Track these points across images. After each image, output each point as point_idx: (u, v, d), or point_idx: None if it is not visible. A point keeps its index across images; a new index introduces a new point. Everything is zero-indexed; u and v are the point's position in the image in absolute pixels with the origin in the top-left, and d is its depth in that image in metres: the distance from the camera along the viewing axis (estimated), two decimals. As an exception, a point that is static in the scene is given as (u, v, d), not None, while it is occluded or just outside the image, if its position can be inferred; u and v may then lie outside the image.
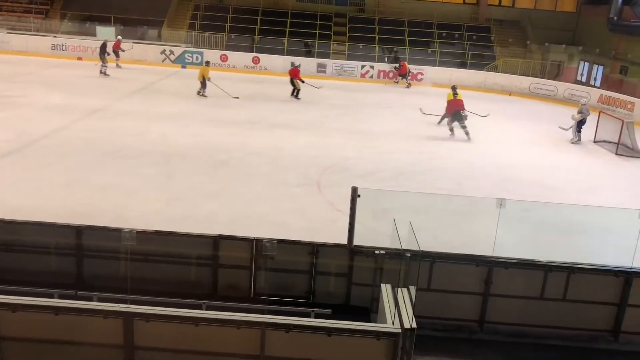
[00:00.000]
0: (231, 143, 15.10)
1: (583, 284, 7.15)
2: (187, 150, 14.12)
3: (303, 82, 22.63)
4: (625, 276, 7.09)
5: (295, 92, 22.54)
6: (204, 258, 7.18)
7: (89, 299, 6.10)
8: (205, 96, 21.09)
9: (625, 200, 12.87)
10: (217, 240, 7.11)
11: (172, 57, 28.36)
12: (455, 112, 17.63)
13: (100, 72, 23.95)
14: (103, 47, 24.45)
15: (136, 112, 17.91)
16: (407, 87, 27.35)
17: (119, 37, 26.95)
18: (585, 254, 9.13)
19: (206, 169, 12.91)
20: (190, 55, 28.42)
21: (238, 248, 7.16)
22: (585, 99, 19.79)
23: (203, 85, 21.13)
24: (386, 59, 30.07)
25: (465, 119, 17.53)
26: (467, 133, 17.41)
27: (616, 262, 7.46)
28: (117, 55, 25.89)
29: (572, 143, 18.05)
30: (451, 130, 17.84)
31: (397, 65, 28.31)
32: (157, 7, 31.14)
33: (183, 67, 27.98)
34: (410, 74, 27.71)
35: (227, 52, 28.80)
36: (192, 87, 21.71)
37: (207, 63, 22.34)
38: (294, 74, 22.72)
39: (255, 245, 7.02)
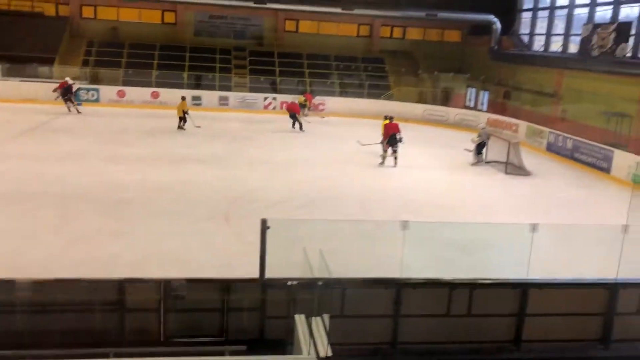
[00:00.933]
0: (133, 180, 14.61)
1: (485, 299, 7.52)
2: (86, 190, 13.48)
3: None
4: (522, 288, 7.55)
5: (298, 125, 23.55)
6: (109, 303, 6.83)
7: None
8: (184, 129, 22.29)
9: (517, 216, 13.80)
10: (122, 284, 6.80)
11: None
12: (391, 135, 18.11)
13: (71, 110, 24.30)
14: (68, 88, 24.34)
15: (29, 153, 16.89)
16: (305, 115, 27.81)
17: (67, 78, 25.65)
18: (485, 269, 9.67)
19: (107, 208, 12.37)
20: (85, 92, 27.33)
21: (145, 290, 6.89)
22: (483, 124, 21.08)
23: (183, 119, 22.59)
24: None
25: (400, 141, 18.10)
26: (396, 158, 18.05)
27: (513, 275, 7.95)
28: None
29: (472, 165, 19.10)
30: (384, 158, 18.17)
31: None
32: (48, 44, 29.78)
33: (78, 104, 26.80)
34: (312, 106, 28.08)
35: (125, 88, 28.00)
36: (89, 124, 20.87)
37: (183, 98, 23.37)
38: (293, 108, 23.82)
39: (164, 286, 6.79)
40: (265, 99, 29.05)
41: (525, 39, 29.49)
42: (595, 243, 11.29)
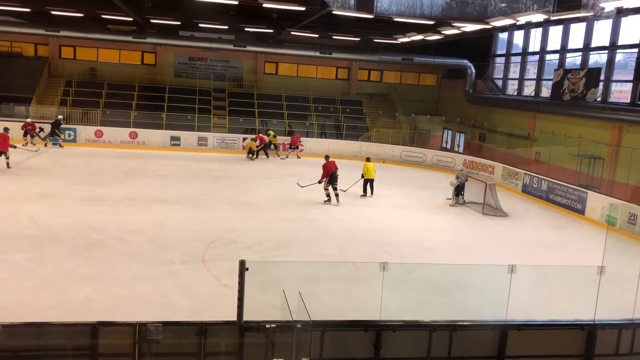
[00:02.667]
0: (107, 222, 14.38)
1: (465, 340, 7.48)
2: (58, 232, 13.22)
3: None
4: (501, 329, 7.54)
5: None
6: (81, 349, 6.62)
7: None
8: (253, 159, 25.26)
9: (495, 256, 13.88)
10: (95, 328, 6.61)
11: (42, 134, 26.89)
12: (331, 173, 18.34)
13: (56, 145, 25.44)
14: (57, 124, 25.45)
15: (1, 193, 16.59)
16: (284, 158, 28.07)
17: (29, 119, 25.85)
18: (464, 311, 9.65)
19: (80, 251, 12.12)
20: (62, 131, 27.14)
21: (119, 334, 6.70)
22: (461, 166, 21.34)
23: (253, 152, 26.74)
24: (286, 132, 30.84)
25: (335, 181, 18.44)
26: (337, 195, 18.30)
27: (492, 317, 7.93)
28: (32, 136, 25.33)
29: (451, 206, 19.26)
30: (328, 195, 18.41)
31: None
32: (25, 83, 29.72)
33: (54, 144, 26.59)
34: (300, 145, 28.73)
35: (102, 128, 27.90)
36: (65, 164, 20.63)
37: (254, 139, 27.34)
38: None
39: (138, 329, 6.62)
40: (244, 139, 29.16)
41: (499, 83, 30.31)
42: (572, 284, 11.40)
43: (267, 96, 33.53)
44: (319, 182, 18.70)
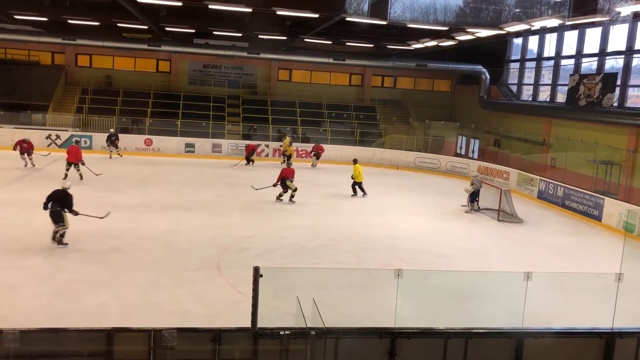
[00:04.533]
0: (123, 228, 14.49)
1: (480, 348, 7.40)
2: (75, 239, 13.32)
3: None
4: (517, 337, 7.46)
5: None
6: (97, 354, 6.66)
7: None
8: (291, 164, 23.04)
9: (510, 263, 13.76)
10: (111, 334, 6.65)
11: (59, 142, 27.22)
12: (282, 179, 18.94)
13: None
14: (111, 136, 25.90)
15: (19, 201, 16.78)
16: (313, 166, 27.80)
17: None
18: (480, 318, 9.56)
19: (96, 257, 12.22)
20: (78, 139, 27.38)
21: (134, 341, 6.73)
22: (475, 172, 21.22)
23: (290, 157, 26.15)
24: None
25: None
26: (292, 197, 19.02)
27: (508, 324, 7.85)
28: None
29: (466, 212, 19.12)
30: (281, 196, 19.09)
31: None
32: (42, 91, 30.13)
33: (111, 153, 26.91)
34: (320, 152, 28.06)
35: (118, 135, 28.11)
36: (81, 172, 20.83)
37: (291, 143, 27.18)
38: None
39: (153, 336, 6.64)
40: (258, 146, 29.25)
41: (514, 88, 30.12)
42: (589, 291, 11.25)
43: (280, 103, 33.65)
44: (273, 185, 19.18)
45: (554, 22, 18.56)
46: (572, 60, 24.97)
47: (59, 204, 12.72)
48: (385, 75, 35.93)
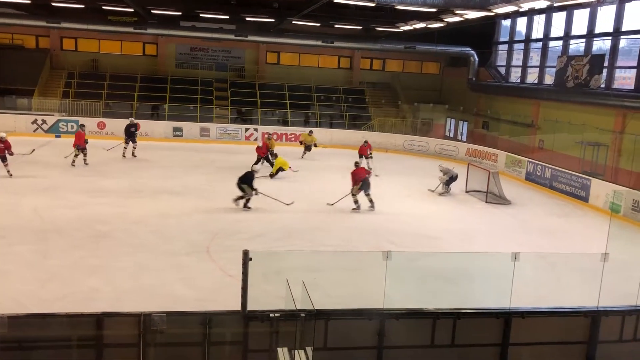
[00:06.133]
0: (112, 213, 14.43)
1: (469, 328, 7.50)
2: (63, 224, 13.27)
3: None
4: (505, 317, 7.55)
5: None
6: (87, 339, 6.67)
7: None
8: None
9: (498, 244, 13.88)
10: (101, 319, 6.65)
11: (45, 127, 26.95)
12: (362, 180, 16.67)
13: (124, 155, 22.90)
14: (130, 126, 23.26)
15: (5, 186, 16.64)
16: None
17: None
18: (468, 299, 9.66)
19: (85, 242, 12.17)
20: (64, 124, 27.18)
21: (124, 325, 6.75)
22: (441, 164, 20.61)
23: (308, 149, 25.12)
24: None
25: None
26: (371, 201, 16.60)
27: (496, 304, 7.95)
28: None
29: (440, 195, 19.10)
30: (356, 202, 16.57)
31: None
32: (27, 76, 29.70)
33: (57, 136, 26.65)
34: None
35: (105, 119, 27.89)
36: (68, 157, 20.67)
37: (311, 132, 25.85)
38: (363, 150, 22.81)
39: (143, 320, 6.66)
40: (247, 130, 29.14)
41: (502, 70, 30.14)
42: (576, 271, 11.40)
43: (269, 86, 33.45)
44: (351, 193, 16.67)
45: (542, 3, 18.55)
46: (560, 42, 25.00)
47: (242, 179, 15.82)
48: (374, 58, 35.78)
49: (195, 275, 10.69)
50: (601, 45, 22.92)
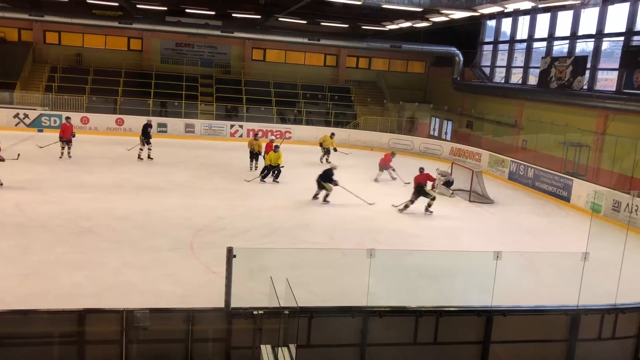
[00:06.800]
0: (95, 209, 14.31)
1: (451, 326, 7.57)
2: (45, 220, 13.14)
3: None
4: (487, 315, 7.64)
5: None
6: (68, 335, 6.63)
7: None
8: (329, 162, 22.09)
9: (481, 243, 14.00)
10: (83, 315, 6.61)
11: (27, 121, 26.61)
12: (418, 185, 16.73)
13: (139, 157, 21.78)
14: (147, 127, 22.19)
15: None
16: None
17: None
18: (451, 297, 9.75)
19: (68, 238, 12.06)
20: (47, 118, 26.85)
21: (106, 321, 6.71)
22: (438, 167, 20.61)
23: (327, 152, 23.74)
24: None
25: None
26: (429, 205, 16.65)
27: (478, 302, 8.03)
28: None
29: (450, 197, 19.00)
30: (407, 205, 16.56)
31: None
32: (9, 69, 29.29)
33: (40, 130, 26.33)
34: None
35: (88, 114, 27.61)
36: (50, 151, 20.44)
37: (332, 135, 24.52)
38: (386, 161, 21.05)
39: (126, 316, 6.63)
40: (232, 126, 29.04)
41: (487, 70, 30.37)
42: (557, 270, 11.55)
43: (254, 83, 33.34)
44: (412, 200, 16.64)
45: (526, 4, 18.72)
46: (544, 43, 25.26)
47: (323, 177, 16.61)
48: (360, 56, 35.85)
49: (178, 272, 10.64)
50: (584, 47, 23.19)
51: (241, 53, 34.43)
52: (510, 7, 19.89)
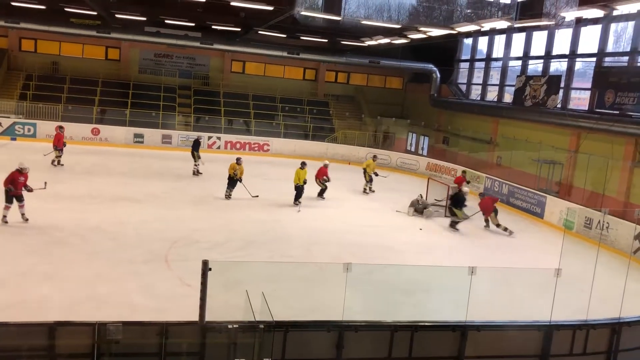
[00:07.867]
0: (68, 219, 14.08)
1: (426, 341, 7.60)
2: (16, 230, 12.88)
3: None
4: (461, 330, 7.68)
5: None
6: (38, 349, 6.48)
7: None
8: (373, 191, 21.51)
9: (456, 258, 14.12)
10: (53, 328, 6.47)
11: (0, 129, 26.14)
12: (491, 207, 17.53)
13: (194, 172, 22.06)
14: (196, 143, 22.47)
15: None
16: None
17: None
18: (426, 312, 9.79)
19: (39, 249, 11.83)
20: (21, 126, 26.44)
21: (77, 335, 6.58)
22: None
23: (371, 180, 21.59)
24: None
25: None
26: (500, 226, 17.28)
27: (453, 317, 8.08)
28: None
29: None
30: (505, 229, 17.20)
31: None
32: (-18, 76, 28.84)
33: (13, 139, 25.91)
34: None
35: (64, 123, 27.14)
36: (23, 161, 20.05)
37: (375, 157, 22.82)
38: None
39: (98, 329, 6.51)
40: (210, 138, 28.91)
41: (463, 87, 30.82)
42: (530, 286, 11.68)
43: (233, 95, 33.32)
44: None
45: (502, 24, 19.10)
46: (520, 62, 25.75)
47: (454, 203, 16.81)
48: (339, 71, 36.11)
49: (152, 284, 10.50)
50: (558, 66, 23.70)
51: (220, 65, 34.40)
52: (486, 26, 20.28)
